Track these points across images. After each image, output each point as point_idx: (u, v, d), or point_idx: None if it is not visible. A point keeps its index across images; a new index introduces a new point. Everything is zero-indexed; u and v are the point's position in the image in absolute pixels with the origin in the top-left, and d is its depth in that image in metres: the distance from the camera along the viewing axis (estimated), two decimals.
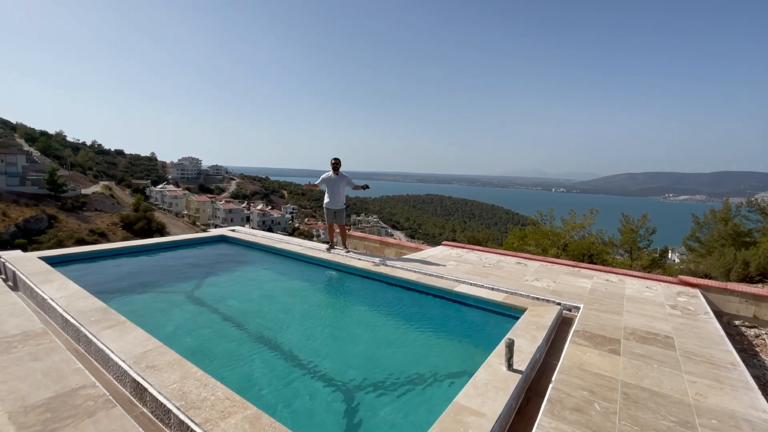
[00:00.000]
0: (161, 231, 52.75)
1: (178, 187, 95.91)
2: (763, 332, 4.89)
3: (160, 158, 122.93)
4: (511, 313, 4.51)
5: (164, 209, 76.97)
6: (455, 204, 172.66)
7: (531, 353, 3.24)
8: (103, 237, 45.57)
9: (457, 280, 5.43)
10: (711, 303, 5.23)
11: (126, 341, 3.17)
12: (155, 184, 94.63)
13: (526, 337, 3.56)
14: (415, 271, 5.84)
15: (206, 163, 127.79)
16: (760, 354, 4.37)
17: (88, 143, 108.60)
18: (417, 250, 8.16)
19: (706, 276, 9.88)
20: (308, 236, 60.04)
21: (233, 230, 9.12)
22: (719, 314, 5.21)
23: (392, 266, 6.13)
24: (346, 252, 7.01)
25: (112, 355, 2.96)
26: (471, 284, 5.29)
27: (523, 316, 4.17)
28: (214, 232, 8.96)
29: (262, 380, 3.16)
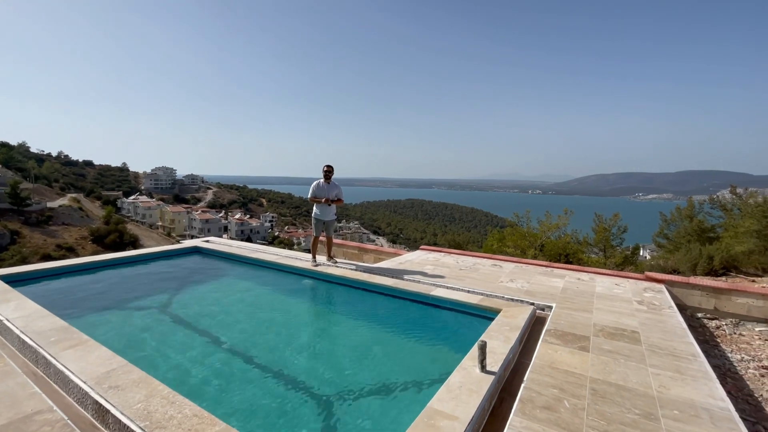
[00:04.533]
0: (134, 244, 50.87)
1: (151, 197, 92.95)
2: (723, 323, 5.13)
3: (132, 168, 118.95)
4: (486, 315, 4.56)
5: (137, 221, 74.36)
6: (435, 208, 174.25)
7: (504, 354, 3.28)
8: (71, 252, 43.54)
9: (433, 285, 5.47)
10: (675, 297, 5.47)
11: (88, 361, 3.02)
12: (127, 195, 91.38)
13: (500, 338, 3.61)
14: (392, 277, 5.85)
15: (181, 172, 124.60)
16: (721, 344, 4.57)
17: (54, 154, 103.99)
18: (395, 255, 8.18)
19: (675, 271, 10.31)
20: (288, 244, 59.22)
21: (207, 241, 8.91)
22: (682, 308, 5.44)
23: (369, 272, 6.12)
24: (334, 263, 6.74)
25: (73, 377, 2.82)
26: (447, 288, 5.33)
27: (497, 318, 4.23)
28: (186, 243, 8.72)
29: (233, 394, 3.08)
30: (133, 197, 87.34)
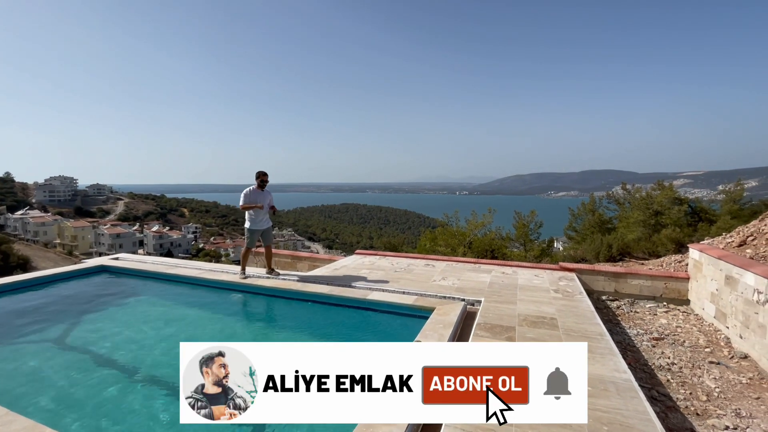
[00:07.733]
0: (24, 266, 43.56)
1: (46, 212, 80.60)
2: (622, 303, 5.86)
3: (18, 179, 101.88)
4: (421, 314, 4.64)
5: (28, 240, 64.02)
6: (370, 211, 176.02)
7: None
8: None
9: (369, 288, 5.46)
10: (584, 283, 6.10)
11: None
12: (13, 210, 77.95)
13: (434, 336, 3.70)
14: (327, 284, 5.72)
15: (84, 182, 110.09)
16: (621, 322, 5.21)
17: None
18: (330, 261, 8.03)
19: (583, 259, 11.59)
20: (216, 256, 55.36)
21: (116, 258, 7.92)
22: (590, 292, 6.09)
23: (303, 281, 5.92)
24: (276, 275, 6.28)
25: None
26: (383, 291, 5.35)
27: (431, 316, 4.34)
28: (91, 262, 7.66)
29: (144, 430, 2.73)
30: (21, 212, 74.91)
